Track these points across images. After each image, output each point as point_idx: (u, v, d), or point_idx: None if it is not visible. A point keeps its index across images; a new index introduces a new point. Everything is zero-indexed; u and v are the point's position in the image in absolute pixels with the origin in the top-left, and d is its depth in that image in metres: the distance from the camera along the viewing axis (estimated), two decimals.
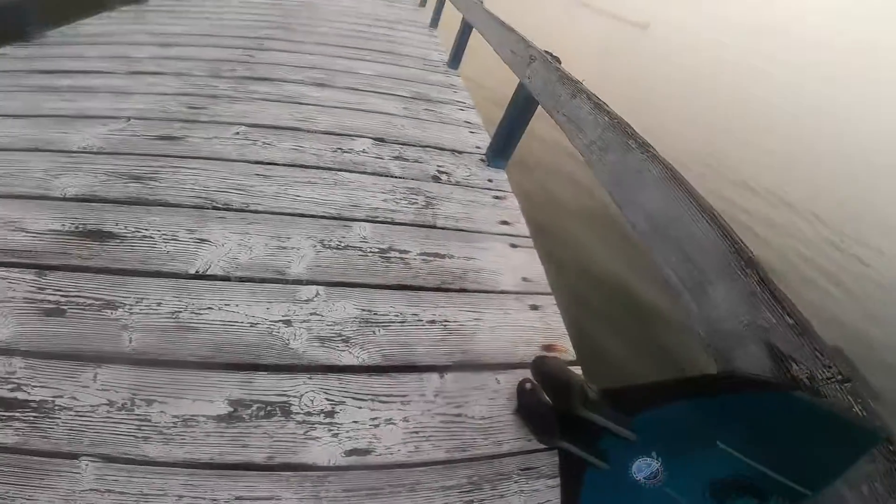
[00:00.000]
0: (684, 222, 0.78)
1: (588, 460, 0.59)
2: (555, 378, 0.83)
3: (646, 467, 0.52)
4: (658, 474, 0.52)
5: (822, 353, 0.52)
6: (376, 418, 0.90)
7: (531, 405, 0.94)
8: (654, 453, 0.52)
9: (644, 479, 0.52)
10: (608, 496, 0.61)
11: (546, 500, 0.83)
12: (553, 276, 1.40)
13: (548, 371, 0.86)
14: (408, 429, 0.90)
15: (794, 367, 0.54)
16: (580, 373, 1.08)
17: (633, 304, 2.64)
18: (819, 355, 0.52)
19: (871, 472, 0.43)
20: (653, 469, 0.52)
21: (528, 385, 0.96)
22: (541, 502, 0.83)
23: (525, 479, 0.86)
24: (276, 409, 0.87)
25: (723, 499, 0.51)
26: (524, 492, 0.84)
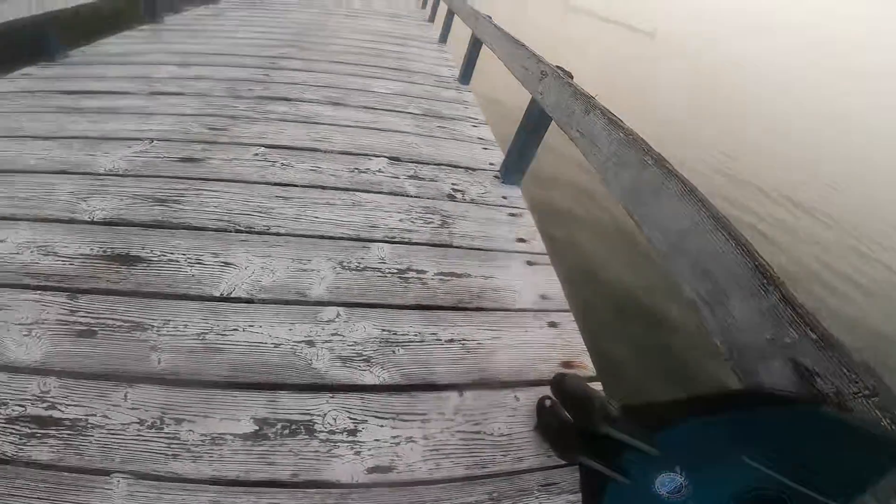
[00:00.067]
0: (703, 238, 0.79)
1: (610, 475, 0.60)
2: (575, 395, 0.84)
3: (669, 482, 0.53)
4: (682, 489, 0.52)
5: (849, 367, 0.52)
6: (397, 436, 0.93)
7: (551, 422, 0.95)
8: (677, 468, 0.53)
9: (668, 494, 0.53)
10: None
11: None
12: (571, 293, 1.41)
13: (568, 388, 0.87)
14: (428, 446, 0.92)
15: (820, 382, 0.54)
16: (601, 389, 1.10)
17: (654, 318, 2.62)
18: (845, 370, 0.52)
19: None
20: (676, 484, 0.53)
21: (548, 402, 0.98)
22: None
23: (546, 495, 0.88)
24: (301, 427, 0.91)
25: None
26: None
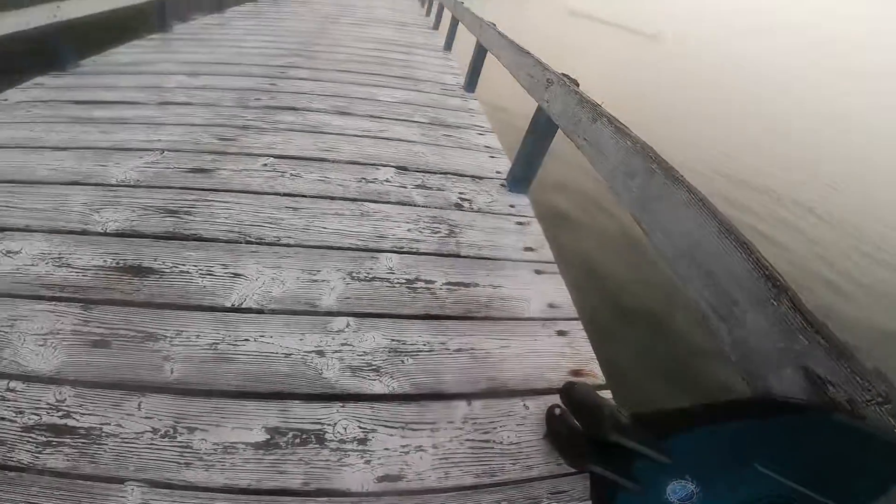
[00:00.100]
0: (712, 247, 0.79)
1: (620, 483, 0.61)
2: (584, 404, 0.85)
3: (681, 489, 0.53)
4: (693, 496, 0.53)
5: (861, 375, 0.52)
6: (406, 445, 0.94)
7: (561, 430, 0.96)
8: (688, 476, 0.54)
9: (679, 501, 0.53)
10: None
11: None
12: (579, 300, 1.42)
13: (577, 397, 0.88)
14: (437, 455, 0.94)
15: (832, 390, 0.54)
16: (610, 397, 1.11)
17: (664, 327, 2.61)
18: (858, 378, 0.52)
19: None
20: (688, 491, 0.53)
21: (558, 410, 0.98)
22: None
23: (556, 503, 0.89)
24: (311, 436, 0.93)
25: None
26: None
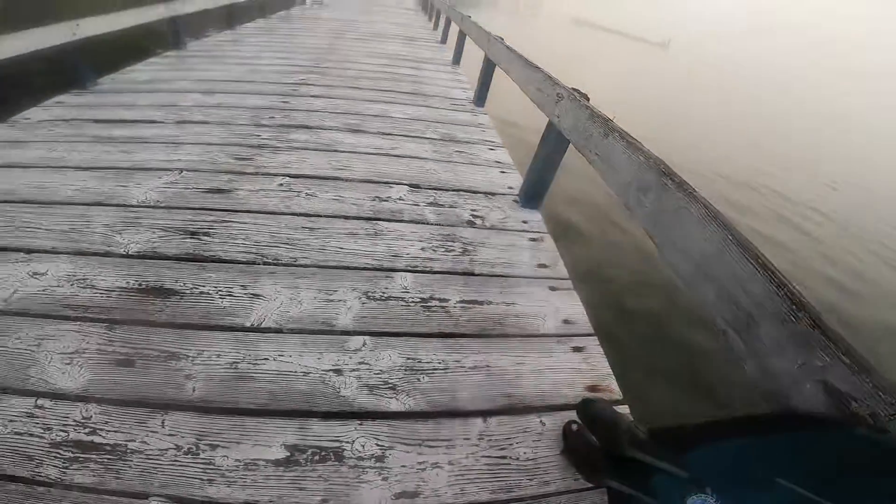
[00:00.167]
0: (728, 263, 0.79)
1: (639, 498, 0.62)
2: (602, 419, 0.86)
3: (700, 503, 0.55)
4: None
5: (884, 389, 0.52)
6: (423, 462, 0.97)
7: (578, 446, 0.97)
8: (708, 489, 0.55)
9: None
10: None
11: None
12: (595, 316, 1.43)
13: (594, 413, 0.89)
14: (453, 472, 0.96)
15: (854, 405, 0.54)
16: (628, 413, 1.12)
17: (679, 342, 2.59)
18: (880, 393, 0.52)
19: None
20: None
21: (575, 426, 1.00)
22: None
23: None
24: (330, 453, 0.96)
25: None
26: None
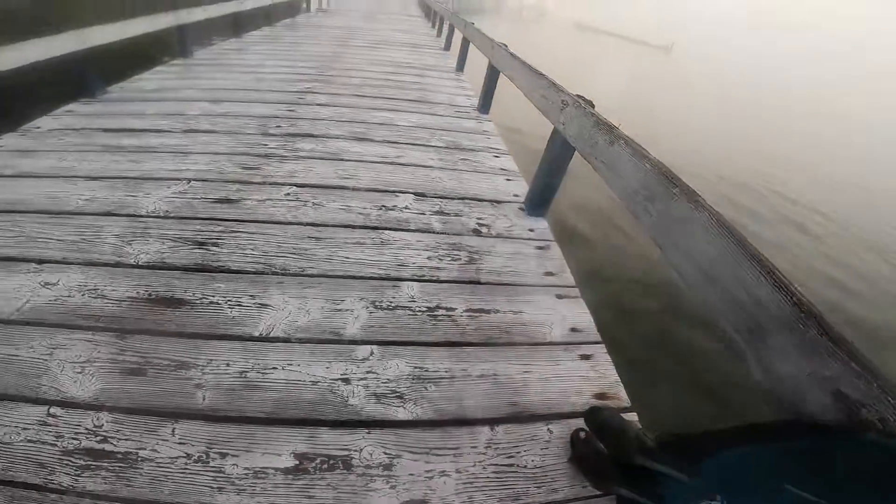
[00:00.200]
0: (735, 272, 0.80)
1: None
2: (610, 427, 0.86)
3: None
4: None
5: (892, 394, 0.53)
6: (431, 470, 0.98)
7: (586, 454, 0.98)
8: (718, 497, 0.55)
9: None
10: None
11: None
12: (603, 323, 1.44)
13: (602, 420, 0.89)
14: (461, 480, 0.97)
15: (864, 411, 0.55)
16: (636, 420, 1.12)
17: (688, 349, 2.58)
18: (889, 398, 0.53)
19: None
20: None
21: (583, 434, 1.01)
22: None
23: None
24: (339, 462, 0.97)
25: None
26: None
